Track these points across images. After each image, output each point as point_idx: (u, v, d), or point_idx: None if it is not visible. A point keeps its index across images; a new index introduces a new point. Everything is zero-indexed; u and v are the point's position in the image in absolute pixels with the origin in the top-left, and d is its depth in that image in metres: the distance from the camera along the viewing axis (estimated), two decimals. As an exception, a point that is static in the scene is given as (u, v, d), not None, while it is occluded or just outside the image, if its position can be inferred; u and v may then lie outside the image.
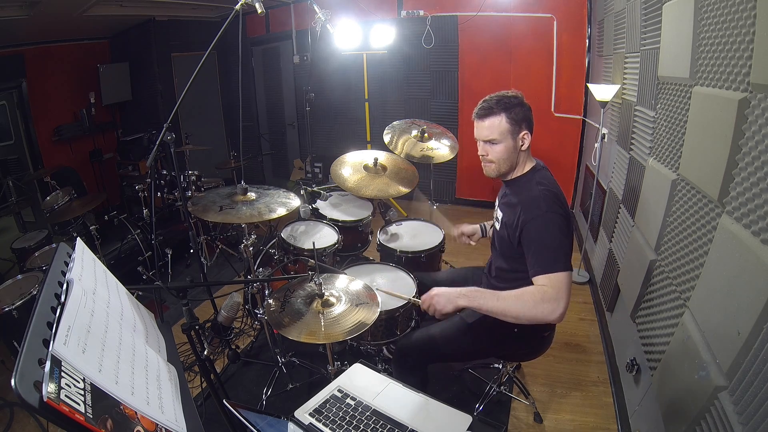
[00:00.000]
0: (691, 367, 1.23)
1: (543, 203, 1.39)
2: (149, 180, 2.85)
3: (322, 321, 1.45)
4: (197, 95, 5.12)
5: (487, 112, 1.44)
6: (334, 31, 2.96)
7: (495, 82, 4.21)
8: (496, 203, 1.69)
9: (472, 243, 2.00)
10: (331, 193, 2.65)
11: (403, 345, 1.66)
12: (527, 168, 1.52)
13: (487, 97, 1.47)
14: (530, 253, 1.40)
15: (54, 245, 2.91)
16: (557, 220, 1.37)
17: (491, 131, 1.44)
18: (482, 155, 1.52)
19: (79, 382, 0.61)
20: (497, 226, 1.63)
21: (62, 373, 0.59)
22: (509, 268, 1.56)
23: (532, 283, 1.39)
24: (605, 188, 2.82)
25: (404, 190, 2.28)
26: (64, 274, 0.81)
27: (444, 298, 1.42)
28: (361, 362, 1.36)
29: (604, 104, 2.72)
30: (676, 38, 1.65)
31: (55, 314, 0.69)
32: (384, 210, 2.69)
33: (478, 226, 1.99)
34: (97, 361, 0.68)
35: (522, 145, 1.47)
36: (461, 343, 1.60)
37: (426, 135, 2.66)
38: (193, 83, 1.72)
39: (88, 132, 4.62)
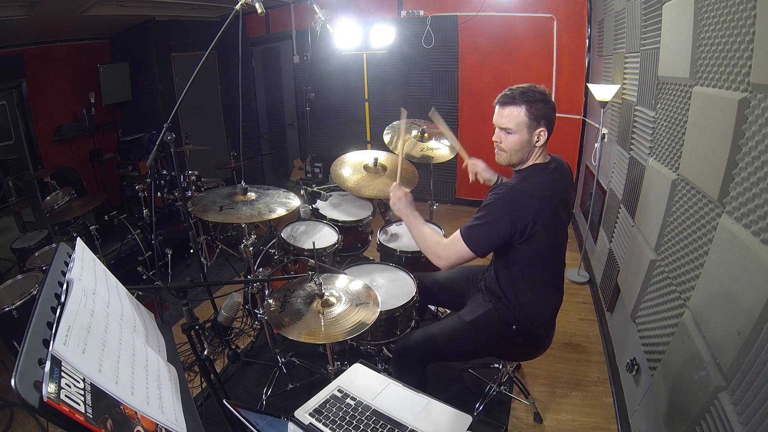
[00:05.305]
0: (691, 367, 1.24)
1: (509, 190, 1.42)
2: (149, 180, 2.85)
3: (322, 321, 1.45)
4: (197, 95, 5.11)
5: (508, 101, 1.43)
6: (334, 31, 2.96)
7: (495, 82, 4.20)
8: None
9: (479, 179, 1.91)
10: (331, 193, 2.65)
11: (402, 345, 1.66)
12: (535, 162, 1.50)
13: (513, 86, 1.45)
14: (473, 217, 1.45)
15: (54, 245, 2.91)
16: (503, 212, 1.39)
17: (509, 120, 1.43)
18: (496, 141, 1.51)
19: (79, 382, 0.60)
20: None
21: (62, 373, 0.59)
22: (501, 256, 1.55)
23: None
24: (605, 188, 2.82)
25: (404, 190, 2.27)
26: (64, 274, 0.81)
27: (400, 205, 1.64)
28: (361, 362, 1.36)
29: (604, 104, 2.72)
30: (676, 38, 1.65)
31: (55, 314, 0.69)
32: (384, 210, 2.69)
33: (496, 174, 1.90)
34: (97, 361, 0.68)
35: (537, 141, 1.45)
36: (460, 342, 1.61)
37: (426, 135, 2.66)
38: (193, 83, 1.72)
39: (88, 132, 4.61)
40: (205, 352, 1.25)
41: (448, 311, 2.61)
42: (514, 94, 1.42)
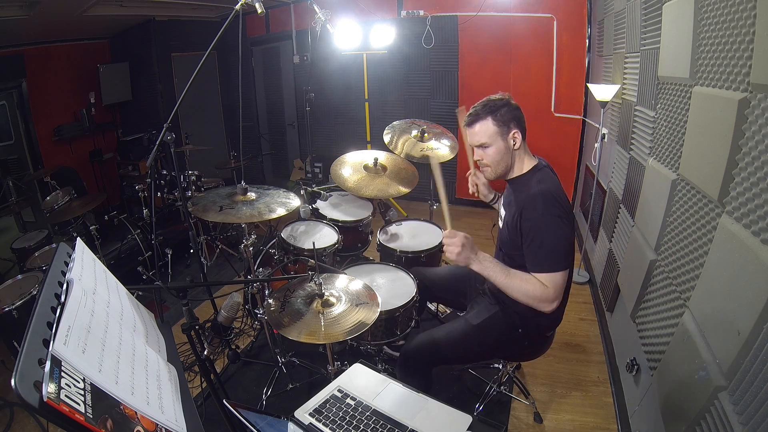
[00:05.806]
0: (691, 367, 1.23)
1: (541, 204, 1.39)
2: (149, 180, 2.85)
3: (322, 321, 1.45)
4: (197, 95, 5.11)
5: (474, 119, 1.48)
6: (334, 31, 2.96)
7: (495, 82, 4.20)
8: (501, 202, 1.70)
9: (476, 194, 1.85)
10: (331, 193, 2.65)
11: (407, 350, 1.65)
12: (528, 167, 1.52)
13: (474, 105, 1.50)
14: (529, 251, 1.42)
15: (54, 245, 2.91)
16: (555, 222, 1.38)
17: (481, 136, 1.47)
18: (478, 160, 1.54)
19: (79, 382, 0.61)
20: (500, 224, 1.64)
21: (62, 373, 0.59)
22: (511, 265, 1.56)
23: None
24: (605, 188, 2.82)
25: (404, 190, 2.28)
26: (64, 274, 0.81)
27: (464, 254, 1.38)
28: (361, 362, 1.37)
29: (604, 104, 2.72)
30: (676, 38, 1.65)
31: (55, 314, 0.69)
32: (384, 210, 2.69)
33: (494, 192, 1.86)
34: (97, 361, 0.68)
35: (514, 145, 1.48)
36: (466, 345, 1.61)
37: (426, 135, 2.66)
38: (193, 83, 1.72)
39: (88, 132, 4.61)
40: (205, 352, 1.25)
41: (448, 311, 2.62)
42: (476, 110, 1.48)
